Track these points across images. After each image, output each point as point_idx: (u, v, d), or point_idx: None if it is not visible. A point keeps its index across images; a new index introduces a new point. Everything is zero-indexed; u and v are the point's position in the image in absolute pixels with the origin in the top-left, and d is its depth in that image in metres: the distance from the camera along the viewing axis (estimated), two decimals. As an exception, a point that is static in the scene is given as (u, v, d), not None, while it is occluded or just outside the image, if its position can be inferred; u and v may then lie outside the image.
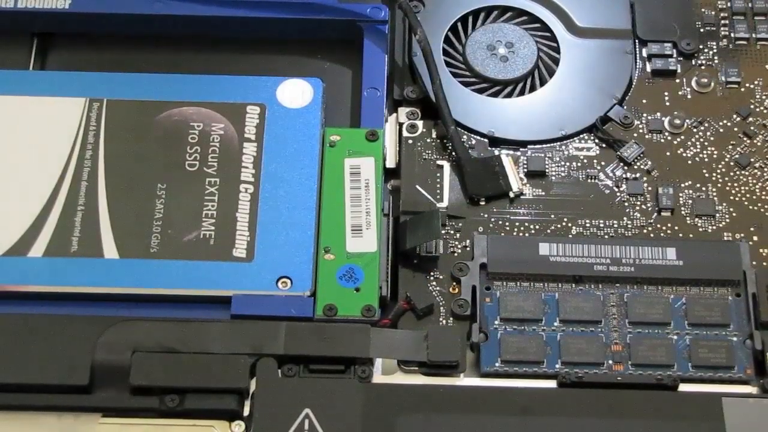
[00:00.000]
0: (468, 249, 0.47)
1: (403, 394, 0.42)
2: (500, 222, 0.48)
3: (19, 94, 0.49)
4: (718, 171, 0.50)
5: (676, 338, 0.45)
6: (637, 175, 0.50)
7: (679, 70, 0.52)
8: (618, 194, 0.49)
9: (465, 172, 0.49)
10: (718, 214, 0.48)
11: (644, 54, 0.53)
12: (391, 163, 0.49)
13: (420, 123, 0.51)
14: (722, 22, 0.54)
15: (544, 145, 0.50)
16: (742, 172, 0.50)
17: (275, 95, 0.49)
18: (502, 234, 0.48)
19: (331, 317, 0.44)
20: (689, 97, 0.52)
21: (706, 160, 0.50)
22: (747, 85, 0.52)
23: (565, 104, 0.51)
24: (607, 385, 0.43)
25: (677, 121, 0.51)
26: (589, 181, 0.49)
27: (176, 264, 0.45)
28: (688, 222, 0.48)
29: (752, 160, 0.50)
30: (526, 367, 0.44)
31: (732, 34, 0.54)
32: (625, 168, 0.50)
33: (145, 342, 0.43)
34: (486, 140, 0.50)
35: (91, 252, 0.45)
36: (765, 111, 0.51)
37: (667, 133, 0.51)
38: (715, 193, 0.49)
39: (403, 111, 0.51)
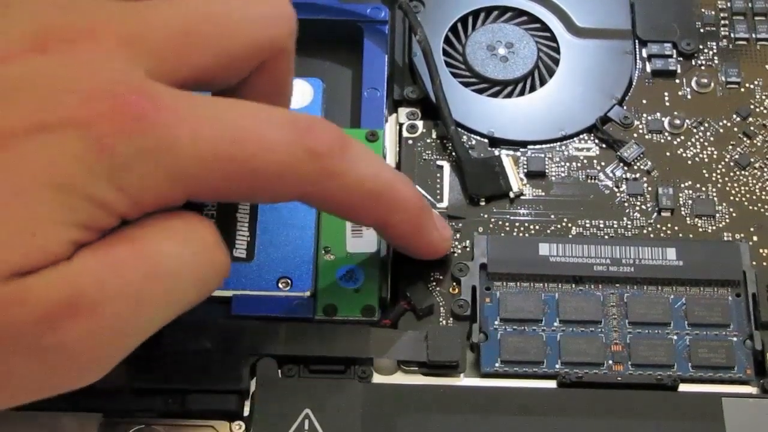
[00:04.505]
0: (468, 249, 0.47)
1: (403, 394, 0.42)
2: (500, 222, 0.48)
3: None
4: (718, 171, 0.50)
5: (676, 338, 0.45)
6: (637, 175, 0.50)
7: (679, 71, 0.52)
8: (618, 194, 0.49)
9: (465, 172, 0.49)
10: (718, 215, 0.48)
11: (644, 54, 0.53)
12: (391, 163, 0.49)
13: (420, 123, 0.51)
14: (722, 22, 0.54)
15: (544, 146, 0.50)
16: (742, 172, 0.50)
17: (275, 95, 0.49)
18: (502, 234, 0.48)
19: (331, 317, 0.44)
20: (689, 97, 0.52)
21: (706, 160, 0.50)
22: (747, 85, 0.52)
23: (565, 104, 0.51)
24: (607, 385, 0.43)
25: (677, 122, 0.51)
26: (589, 181, 0.49)
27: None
28: (688, 222, 0.48)
29: (752, 160, 0.50)
30: (526, 368, 0.44)
31: (732, 35, 0.54)
32: (625, 168, 0.50)
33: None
34: (486, 140, 0.50)
35: (91, 252, 0.45)
36: (765, 111, 0.51)
37: (667, 134, 0.51)
38: (715, 194, 0.49)
39: (403, 111, 0.51)
